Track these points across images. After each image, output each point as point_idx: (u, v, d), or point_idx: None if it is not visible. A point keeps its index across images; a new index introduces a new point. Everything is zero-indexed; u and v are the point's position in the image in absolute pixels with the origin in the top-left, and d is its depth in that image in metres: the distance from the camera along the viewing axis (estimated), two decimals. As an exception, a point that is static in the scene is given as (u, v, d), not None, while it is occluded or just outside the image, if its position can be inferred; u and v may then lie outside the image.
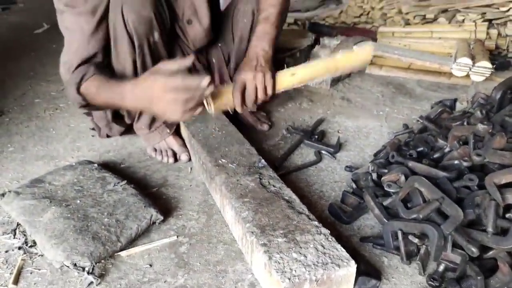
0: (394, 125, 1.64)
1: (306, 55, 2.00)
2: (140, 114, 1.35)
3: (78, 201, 1.05)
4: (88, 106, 1.25)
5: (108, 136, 1.48)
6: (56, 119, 1.66)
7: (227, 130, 1.36)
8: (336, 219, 1.10)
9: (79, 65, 1.17)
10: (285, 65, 1.88)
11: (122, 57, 1.22)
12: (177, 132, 1.44)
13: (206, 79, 0.97)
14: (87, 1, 1.14)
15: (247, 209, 0.97)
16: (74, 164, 1.23)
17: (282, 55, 1.89)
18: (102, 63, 1.22)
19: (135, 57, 1.22)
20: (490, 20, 2.30)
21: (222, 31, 1.50)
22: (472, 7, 2.42)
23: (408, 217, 0.93)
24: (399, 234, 0.92)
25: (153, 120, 1.36)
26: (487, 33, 2.21)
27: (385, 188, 1.05)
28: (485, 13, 2.32)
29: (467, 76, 1.78)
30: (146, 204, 1.06)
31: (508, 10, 2.27)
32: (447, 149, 1.15)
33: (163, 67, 1.02)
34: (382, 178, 1.08)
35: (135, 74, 1.24)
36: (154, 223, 1.04)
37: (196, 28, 1.35)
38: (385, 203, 1.03)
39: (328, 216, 1.12)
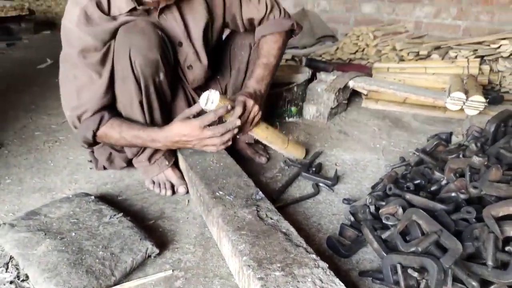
0: (391, 158, 1.65)
1: (303, 90, 2.04)
2: (144, 148, 1.36)
3: (73, 234, 1.04)
4: (94, 145, 1.35)
5: (105, 168, 1.49)
6: (55, 151, 1.67)
7: (225, 162, 1.37)
8: (335, 253, 1.09)
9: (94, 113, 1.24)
10: (284, 99, 1.93)
11: (128, 97, 1.25)
12: (175, 165, 1.44)
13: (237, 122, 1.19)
14: (97, 51, 1.18)
15: (244, 242, 0.96)
16: (70, 196, 1.22)
17: (280, 89, 1.93)
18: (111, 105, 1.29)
19: (141, 97, 1.25)
20: (482, 57, 2.37)
21: (219, 64, 1.55)
22: (464, 44, 2.50)
23: (407, 250, 0.92)
24: (398, 268, 0.91)
25: (153, 153, 1.37)
26: (480, 69, 2.27)
27: (383, 221, 1.04)
28: (476, 50, 2.40)
29: (462, 110, 1.81)
30: (142, 237, 1.05)
31: (498, 47, 2.35)
32: (444, 182, 1.15)
33: (189, 111, 1.20)
34: (380, 211, 1.08)
35: (142, 112, 1.28)
36: (149, 256, 1.03)
37: (196, 72, 1.40)
38: (384, 236, 1.02)
39: (326, 250, 1.10)
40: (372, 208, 1.15)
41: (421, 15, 3.11)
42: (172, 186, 1.37)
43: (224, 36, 1.59)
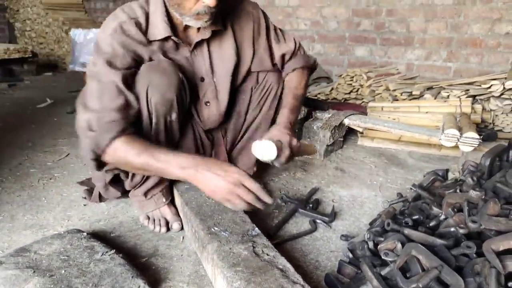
0: (388, 194, 1.64)
1: (299, 128, 2.06)
2: (145, 181, 1.34)
3: (63, 271, 1.01)
4: (100, 162, 1.18)
5: (100, 200, 1.47)
6: (49, 188, 1.65)
7: (221, 198, 1.35)
8: (333, 291, 1.05)
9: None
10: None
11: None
12: (171, 201, 1.42)
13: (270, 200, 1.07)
14: (125, 60, 1.18)
15: (239, 279, 0.93)
16: (62, 233, 1.20)
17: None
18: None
19: (150, 132, 1.26)
20: (473, 96, 2.43)
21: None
22: (455, 85, 2.57)
23: (407, 287, 0.89)
24: (400, 305, 0.88)
25: (150, 188, 1.35)
26: (472, 108, 2.32)
27: (382, 257, 1.02)
28: (468, 90, 2.46)
29: (457, 147, 1.83)
30: (134, 275, 1.01)
31: (489, 87, 2.41)
32: (442, 217, 1.14)
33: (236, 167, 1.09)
34: (379, 247, 1.05)
35: None
36: (141, 295, 0.99)
37: (212, 110, 1.42)
38: (383, 272, 0.99)
39: (325, 288, 1.07)
40: (371, 244, 1.13)
41: (412, 58, 3.22)
42: (167, 223, 1.35)
43: None
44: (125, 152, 1.11)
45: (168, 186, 1.41)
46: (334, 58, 3.65)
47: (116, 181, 1.39)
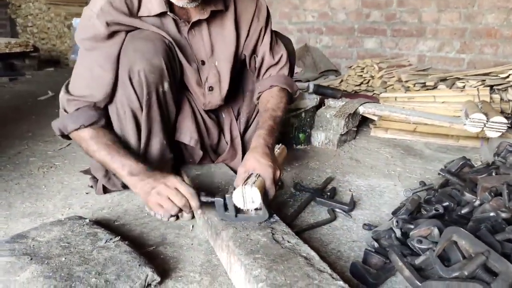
0: (408, 184, 1.55)
1: (311, 116, 1.97)
2: None
3: (63, 259, 0.91)
4: (66, 138, 1.24)
5: (105, 191, 1.37)
6: (50, 176, 1.56)
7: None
8: (360, 282, 0.95)
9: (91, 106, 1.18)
10: (291, 125, 1.85)
11: (124, 103, 1.18)
12: (178, 189, 1.34)
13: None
14: (107, 46, 1.14)
15: (259, 266, 0.83)
16: (63, 219, 1.10)
17: (288, 115, 1.85)
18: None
19: (137, 105, 1.18)
20: (491, 86, 2.33)
21: (230, 89, 1.48)
22: (471, 76, 2.47)
23: (449, 276, 0.80)
24: (440, 297, 0.78)
25: None
26: (490, 97, 2.22)
27: (416, 244, 0.92)
28: (484, 80, 2.36)
29: (477, 138, 1.73)
30: (141, 263, 0.92)
31: (507, 77, 2.31)
32: (477, 203, 1.04)
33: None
34: (411, 233, 0.96)
35: (135, 122, 1.20)
36: (149, 285, 0.89)
37: (214, 96, 1.34)
38: (418, 261, 0.90)
39: (351, 278, 0.97)
40: (398, 233, 1.03)
41: (424, 49, 3.13)
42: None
43: None
44: (86, 144, 1.16)
45: (176, 174, 1.32)
46: (343, 51, 3.56)
47: None
